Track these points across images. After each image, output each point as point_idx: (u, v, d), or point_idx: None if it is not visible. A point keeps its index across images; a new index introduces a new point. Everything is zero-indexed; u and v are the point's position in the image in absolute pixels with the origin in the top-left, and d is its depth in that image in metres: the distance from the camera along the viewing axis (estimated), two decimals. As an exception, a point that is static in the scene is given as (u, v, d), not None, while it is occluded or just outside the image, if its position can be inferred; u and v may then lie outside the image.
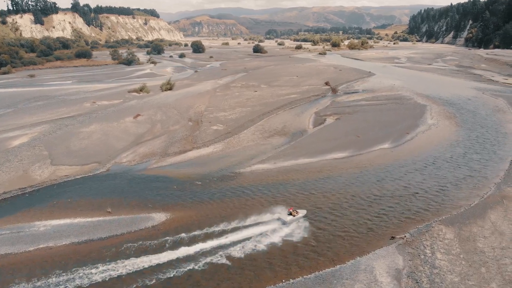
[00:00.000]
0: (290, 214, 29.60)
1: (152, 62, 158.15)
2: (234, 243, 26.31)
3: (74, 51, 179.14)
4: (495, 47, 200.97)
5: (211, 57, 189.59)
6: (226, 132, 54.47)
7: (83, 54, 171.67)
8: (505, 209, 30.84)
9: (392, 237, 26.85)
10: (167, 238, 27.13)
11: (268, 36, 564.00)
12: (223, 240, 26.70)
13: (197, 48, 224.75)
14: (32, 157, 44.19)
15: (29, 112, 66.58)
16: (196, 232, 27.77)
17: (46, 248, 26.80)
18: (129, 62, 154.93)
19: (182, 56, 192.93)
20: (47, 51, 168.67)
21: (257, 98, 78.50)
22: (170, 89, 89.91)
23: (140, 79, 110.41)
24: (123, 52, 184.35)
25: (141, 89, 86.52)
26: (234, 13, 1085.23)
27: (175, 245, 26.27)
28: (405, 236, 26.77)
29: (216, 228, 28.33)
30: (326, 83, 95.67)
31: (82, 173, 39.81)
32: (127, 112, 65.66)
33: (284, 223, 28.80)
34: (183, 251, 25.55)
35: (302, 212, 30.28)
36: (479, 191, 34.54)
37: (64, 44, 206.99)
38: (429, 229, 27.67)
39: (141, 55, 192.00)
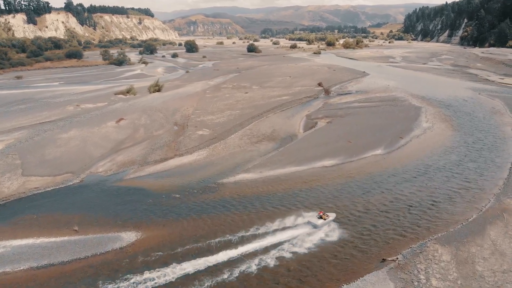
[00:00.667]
0: (321, 217, 28.67)
1: (144, 63, 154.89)
2: (202, 270, 23.69)
3: (65, 51, 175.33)
4: (491, 45, 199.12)
5: (204, 56, 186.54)
6: (212, 138, 51.87)
7: (74, 55, 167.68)
8: (505, 224, 28.51)
9: (383, 259, 24.39)
10: (134, 262, 24.51)
11: (263, 35, 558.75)
12: (196, 263, 24.17)
13: (191, 47, 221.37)
14: (3, 166, 41.42)
15: (9, 117, 63.58)
16: (166, 254, 25.21)
17: (2, 273, 24.22)
18: (120, 62, 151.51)
19: (175, 56, 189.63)
20: (38, 52, 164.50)
21: (247, 100, 75.93)
22: (159, 90, 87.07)
23: (129, 80, 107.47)
24: (114, 52, 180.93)
25: (128, 91, 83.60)
26: (230, 12, 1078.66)
27: (141, 270, 23.62)
28: (397, 258, 24.31)
29: (189, 248, 25.79)
30: (319, 84, 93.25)
31: (53, 185, 37.06)
32: (110, 116, 62.82)
33: (315, 226, 28.17)
34: (150, 278, 22.94)
35: (332, 216, 29.31)
36: (477, 203, 32.15)
37: (56, 44, 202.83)
38: (424, 249, 25.20)
39: (133, 55, 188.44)
